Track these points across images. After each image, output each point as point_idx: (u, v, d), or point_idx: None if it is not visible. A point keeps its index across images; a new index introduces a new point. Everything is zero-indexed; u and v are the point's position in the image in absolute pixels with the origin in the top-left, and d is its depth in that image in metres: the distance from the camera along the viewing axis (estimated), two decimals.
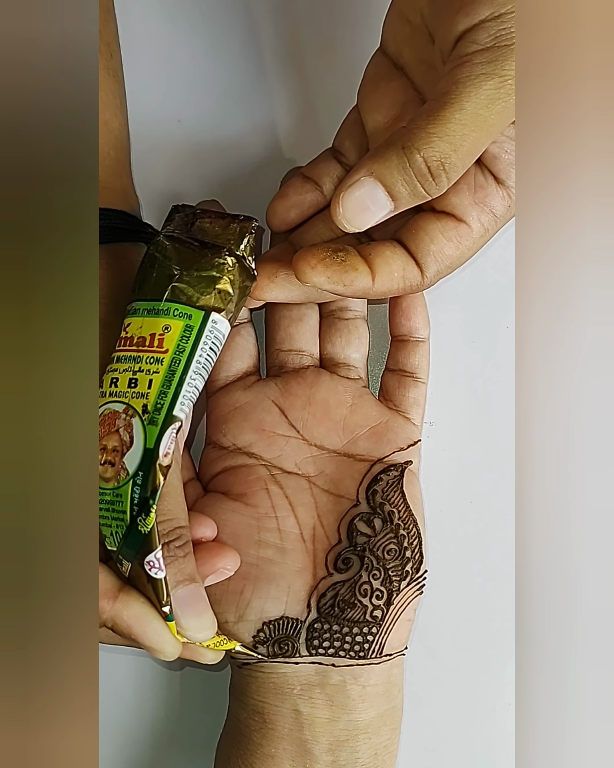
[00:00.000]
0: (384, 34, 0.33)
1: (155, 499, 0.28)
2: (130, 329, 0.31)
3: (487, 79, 0.27)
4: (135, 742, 0.39)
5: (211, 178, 0.39)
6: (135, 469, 0.29)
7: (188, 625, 0.30)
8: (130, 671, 0.39)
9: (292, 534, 0.35)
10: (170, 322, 0.30)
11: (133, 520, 0.29)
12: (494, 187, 0.31)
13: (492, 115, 0.27)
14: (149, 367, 0.30)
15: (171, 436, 0.29)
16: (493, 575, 0.39)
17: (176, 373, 0.30)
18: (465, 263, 0.32)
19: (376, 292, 0.31)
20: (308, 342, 0.37)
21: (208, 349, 0.30)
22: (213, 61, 0.39)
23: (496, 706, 0.39)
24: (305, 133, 0.39)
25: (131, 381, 0.30)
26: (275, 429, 0.36)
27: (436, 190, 0.28)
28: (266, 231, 0.38)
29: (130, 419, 0.29)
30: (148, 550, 0.29)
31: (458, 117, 0.27)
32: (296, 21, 0.39)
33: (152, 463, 0.29)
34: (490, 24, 0.27)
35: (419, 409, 0.37)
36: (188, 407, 0.30)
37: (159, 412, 0.29)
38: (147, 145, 0.39)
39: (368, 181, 0.28)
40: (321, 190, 0.35)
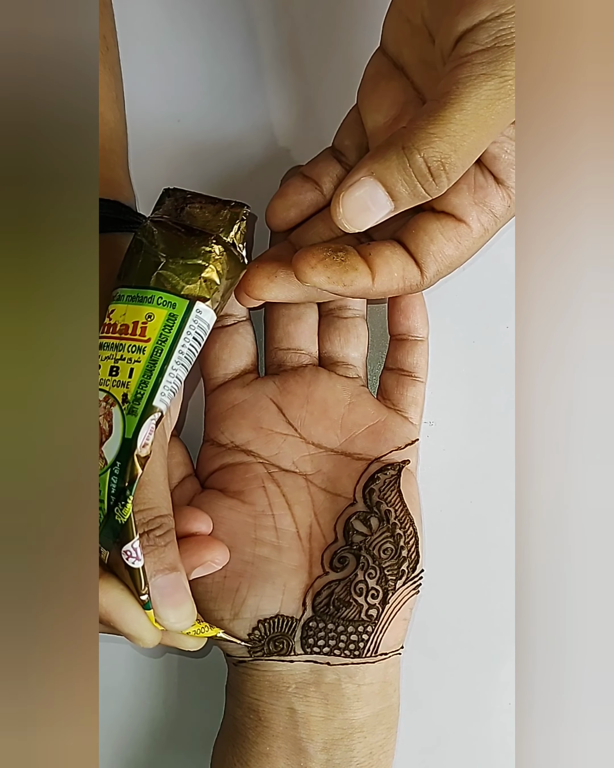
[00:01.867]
0: (384, 34, 0.33)
1: (132, 489, 0.28)
2: (114, 316, 0.30)
3: (487, 80, 0.27)
4: (134, 741, 0.39)
5: (211, 177, 0.39)
6: (113, 458, 0.29)
7: (165, 615, 0.30)
8: (129, 671, 0.39)
9: (288, 532, 0.35)
10: (154, 310, 0.30)
11: (111, 510, 0.29)
12: (494, 188, 0.31)
13: (492, 116, 0.27)
14: (131, 356, 0.29)
15: (150, 426, 0.29)
16: (493, 575, 0.39)
17: (157, 362, 0.29)
18: (466, 263, 0.32)
19: (376, 291, 0.31)
20: (306, 341, 0.37)
21: (191, 339, 0.30)
22: (213, 61, 0.39)
23: (496, 706, 0.39)
24: (305, 132, 0.39)
25: (113, 369, 0.29)
26: (273, 427, 0.36)
27: (436, 190, 0.29)
28: (263, 227, 0.37)
29: (110, 408, 0.29)
30: (125, 539, 0.28)
31: (459, 117, 0.27)
32: (296, 21, 0.39)
33: (130, 453, 0.28)
34: (490, 24, 0.27)
35: (418, 408, 0.37)
36: (169, 398, 0.30)
37: (139, 402, 0.29)
38: (147, 144, 0.39)
39: (368, 181, 0.28)
40: (321, 190, 0.36)
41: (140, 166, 0.38)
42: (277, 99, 0.39)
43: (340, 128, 0.36)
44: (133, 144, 0.39)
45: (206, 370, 0.37)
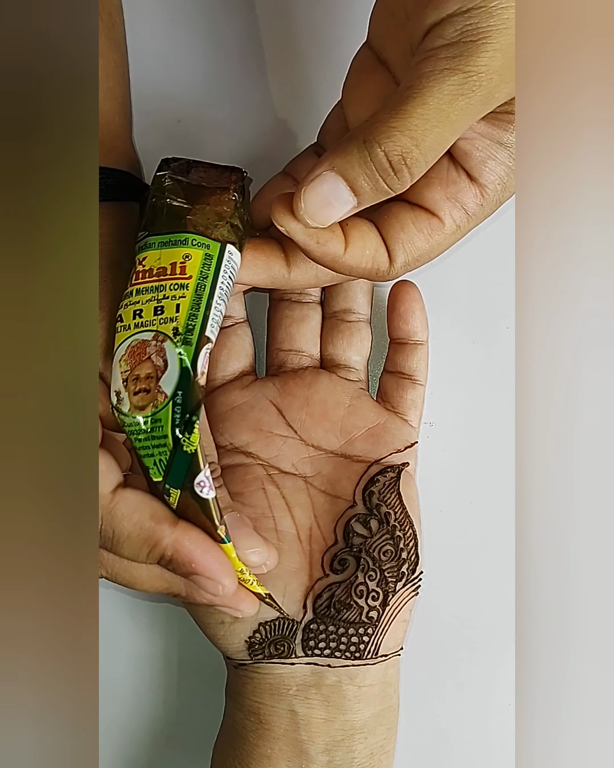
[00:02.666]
0: (370, 28, 0.32)
1: (198, 415, 0.28)
2: (147, 262, 0.31)
3: (451, 75, 0.26)
4: (133, 741, 0.39)
5: None
6: (173, 389, 0.29)
7: (243, 545, 0.30)
8: (129, 671, 0.39)
9: (289, 534, 0.35)
10: (190, 251, 0.31)
11: (177, 442, 0.29)
12: (466, 184, 0.30)
13: (455, 111, 0.26)
14: (174, 293, 0.30)
15: (205, 355, 0.29)
16: (493, 575, 0.39)
17: (203, 296, 0.30)
18: (467, 264, 0.32)
19: (344, 263, 0.30)
20: (308, 342, 0.37)
21: (227, 277, 0.31)
22: (213, 61, 0.39)
23: (496, 706, 0.39)
24: (305, 132, 0.39)
25: (157, 309, 0.30)
26: (273, 429, 0.36)
27: (399, 185, 0.28)
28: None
29: (162, 344, 0.29)
30: (197, 470, 0.29)
31: (420, 111, 0.26)
32: (296, 21, 0.39)
33: (191, 381, 0.29)
34: (457, 19, 0.26)
35: (417, 411, 0.37)
36: (216, 330, 0.30)
37: (191, 332, 0.29)
38: (147, 144, 0.39)
39: (329, 175, 0.28)
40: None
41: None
42: (277, 99, 0.39)
43: (324, 123, 0.35)
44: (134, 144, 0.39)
45: None
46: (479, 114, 0.28)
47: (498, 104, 0.28)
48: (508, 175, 0.30)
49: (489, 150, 0.30)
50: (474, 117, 0.28)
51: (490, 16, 0.26)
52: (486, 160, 0.30)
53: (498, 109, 0.28)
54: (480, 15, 0.26)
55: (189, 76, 0.39)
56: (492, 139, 0.30)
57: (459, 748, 0.39)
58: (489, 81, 0.26)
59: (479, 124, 0.30)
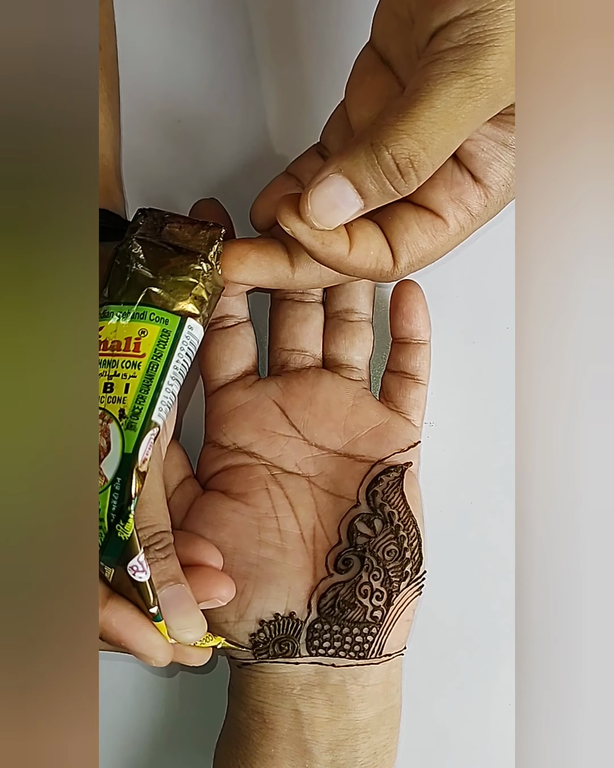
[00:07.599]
0: (373, 28, 0.32)
1: (133, 505, 0.28)
2: (104, 333, 0.30)
3: (458, 78, 0.26)
4: (134, 742, 0.39)
5: (211, 178, 0.39)
6: (113, 475, 0.28)
7: (177, 625, 0.30)
8: (129, 672, 0.39)
9: (292, 534, 0.35)
10: (147, 326, 0.30)
11: (112, 527, 0.28)
12: (470, 185, 0.30)
13: (463, 114, 0.27)
14: (126, 371, 0.29)
15: (149, 441, 0.29)
16: (493, 575, 0.39)
17: (154, 377, 0.29)
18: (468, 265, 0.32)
19: (348, 264, 0.30)
20: (311, 342, 0.37)
21: (184, 354, 0.30)
22: (213, 61, 0.39)
23: (496, 706, 0.39)
24: (305, 132, 0.39)
25: (107, 386, 0.29)
26: (276, 429, 0.36)
27: (406, 188, 0.28)
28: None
29: (107, 424, 0.29)
30: (130, 555, 0.28)
31: (428, 115, 0.26)
32: (296, 21, 0.39)
33: (131, 468, 0.28)
34: (464, 21, 0.26)
35: (420, 410, 0.37)
36: (165, 413, 0.29)
37: (137, 416, 0.29)
38: (147, 144, 0.39)
39: (336, 178, 0.28)
40: (303, 186, 0.35)
41: (140, 166, 0.38)
42: (276, 99, 0.39)
43: (327, 123, 0.35)
44: (134, 144, 0.38)
45: (207, 372, 0.37)
46: (486, 117, 0.28)
47: (504, 107, 0.28)
48: (512, 177, 0.30)
49: (494, 151, 0.30)
50: (481, 120, 0.28)
51: (497, 18, 0.26)
52: (490, 161, 0.30)
53: (503, 111, 0.28)
54: (488, 18, 0.26)
55: (189, 76, 0.39)
56: (497, 140, 0.30)
57: (459, 748, 0.39)
58: (496, 84, 0.26)
59: (484, 126, 0.30)
